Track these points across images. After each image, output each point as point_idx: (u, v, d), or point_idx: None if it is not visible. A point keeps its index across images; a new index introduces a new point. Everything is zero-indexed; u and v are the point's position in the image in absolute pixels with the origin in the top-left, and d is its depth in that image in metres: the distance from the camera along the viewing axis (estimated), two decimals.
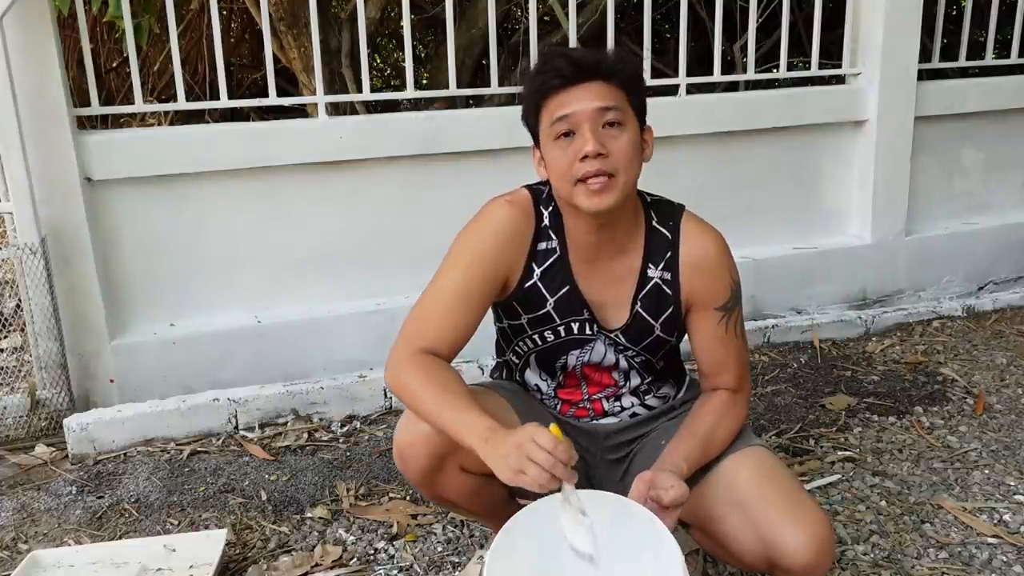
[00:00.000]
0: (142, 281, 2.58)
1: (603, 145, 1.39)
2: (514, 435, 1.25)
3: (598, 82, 1.41)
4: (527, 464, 1.22)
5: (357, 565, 1.86)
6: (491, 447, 1.27)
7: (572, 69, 1.41)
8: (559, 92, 1.41)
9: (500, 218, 1.52)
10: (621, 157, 1.41)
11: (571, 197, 1.44)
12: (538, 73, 1.45)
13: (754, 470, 1.48)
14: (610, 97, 1.41)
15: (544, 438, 1.22)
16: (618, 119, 1.41)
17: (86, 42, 2.44)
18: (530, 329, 1.58)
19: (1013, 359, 2.88)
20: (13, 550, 1.94)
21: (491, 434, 1.29)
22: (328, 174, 2.67)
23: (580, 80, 1.41)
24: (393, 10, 3.91)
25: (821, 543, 1.37)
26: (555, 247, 1.54)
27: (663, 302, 1.55)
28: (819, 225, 3.34)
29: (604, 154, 1.39)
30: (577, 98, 1.40)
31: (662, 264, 1.54)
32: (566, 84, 1.41)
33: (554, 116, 1.42)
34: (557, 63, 1.42)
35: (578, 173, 1.40)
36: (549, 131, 1.43)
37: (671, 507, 1.34)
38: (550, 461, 1.21)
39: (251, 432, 2.45)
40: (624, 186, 1.43)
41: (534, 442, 1.22)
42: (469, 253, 1.50)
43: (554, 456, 1.21)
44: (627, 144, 1.42)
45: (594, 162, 1.39)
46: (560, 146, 1.42)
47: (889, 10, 3.11)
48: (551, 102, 1.43)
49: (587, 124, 1.39)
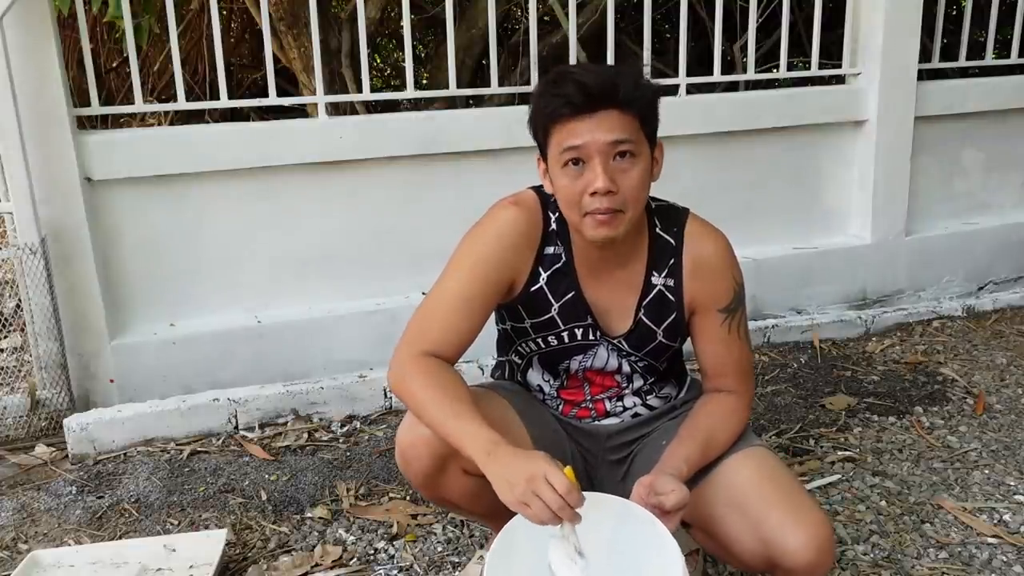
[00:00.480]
0: (142, 281, 2.58)
1: (613, 181, 1.36)
2: (523, 463, 1.23)
3: (612, 111, 1.35)
4: (534, 500, 1.20)
5: (357, 565, 1.86)
6: (493, 463, 1.26)
7: (583, 98, 1.34)
8: (569, 120, 1.36)
9: (506, 221, 1.51)
10: (631, 192, 1.38)
11: (577, 225, 1.43)
12: (547, 96, 1.38)
13: (755, 470, 1.48)
14: (623, 128, 1.36)
15: (559, 481, 1.20)
16: (630, 150, 1.37)
17: (86, 42, 2.44)
18: (533, 333, 1.58)
19: (1013, 359, 2.88)
20: (13, 550, 1.94)
21: (494, 448, 1.27)
22: (328, 174, 2.67)
23: (592, 109, 1.34)
24: (393, 10, 3.91)
25: (822, 543, 1.37)
26: (561, 252, 1.53)
27: (666, 309, 1.55)
28: (819, 225, 3.34)
29: (614, 191, 1.36)
30: (588, 129, 1.35)
31: (665, 271, 1.54)
32: (577, 113, 1.35)
33: (563, 145, 1.37)
34: (568, 89, 1.35)
35: (587, 207, 1.38)
36: (557, 156, 1.39)
37: (672, 512, 1.34)
38: (559, 504, 1.20)
39: (251, 432, 2.45)
40: (631, 219, 1.42)
41: (547, 481, 1.20)
42: (474, 256, 1.50)
43: (565, 501, 1.20)
44: (637, 177, 1.39)
45: (603, 199, 1.36)
46: (568, 174, 1.39)
47: (889, 10, 3.11)
48: (561, 129, 1.37)
49: (598, 158, 1.35)
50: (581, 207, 1.39)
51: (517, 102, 3.38)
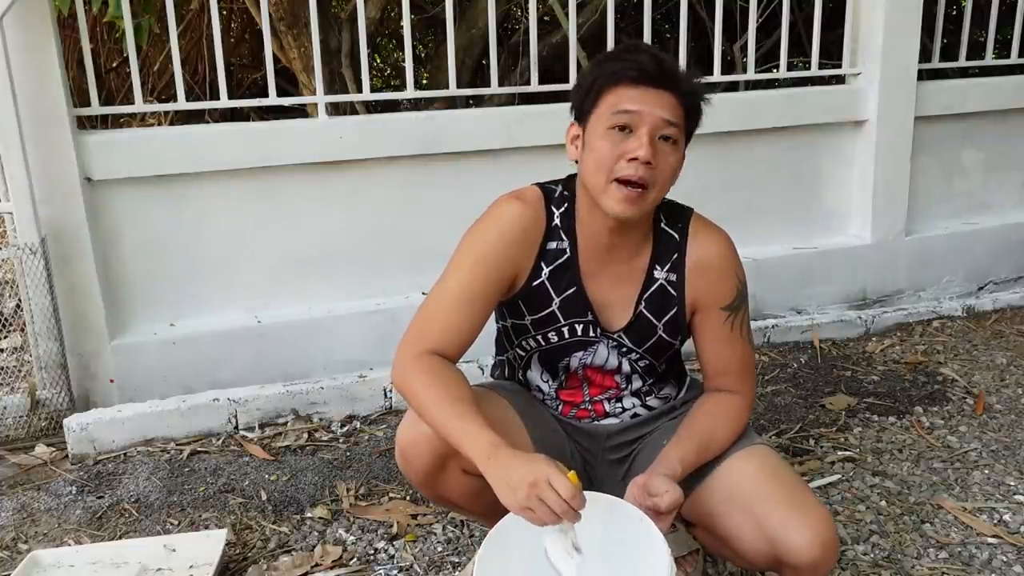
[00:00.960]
0: (142, 281, 2.58)
1: (654, 155, 1.39)
2: (526, 467, 1.23)
3: (671, 93, 1.41)
4: (538, 504, 1.21)
5: (357, 565, 1.86)
6: (494, 466, 1.26)
7: (656, 70, 1.39)
8: (634, 86, 1.40)
9: (509, 217, 1.51)
10: (663, 173, 1.42)
11: (600, 192, 1.43)
12: (618, 59, 1.42)
13: (757, 468, 1.49)
14: (676, 113, 1.41)
15: (563, 485, 1.20)
16: (674, 136, 1.42)
17: (86, 42, 2.44)
18: (534, 330, 1.58)
19: (1013, 359, 2.88)
20: (13, 550, 1.94)
21: (494, 450, 1.27)
22: (328, 174, 2.67)
23: (659, 84, 1.39)
24: (393, 10, 3.91)
25: (826, 540, 1.38)
26: (565, 247, 1.53)
27: (667, 303, 1.55)
28: (819, 225, 3.34)
29: (651, 164, 1.39)
30: (649, 100, 1.39)
31: (668, 265, 1.55)
32: (643, 82, 1.39)
33: (619, 107, 1.40)
34: (642, 58, 1.40)
35: (619, 172, 1.39)
36: (606, 118, 1.41)
37: (666, 513, 1.34)
38: (563, 508, 1.20)
39: (251, 432, 2.45)
40: (652, 202, 1.44)
41: (551, 486, 1.20)
42: (476, 253, 1.50)
43: (570, 505, 1.20)
44: (672, 163, 1.43)
45: (640, 167, 1.38)
46: (611, 138, 1.40)
47: (889, 10, 3.11)
48: (621, 91, 1.40)
49: (647, 128, 1.39)
50: (613, 171, 1.40)
51: (517, 102, 3.39)
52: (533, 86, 2.85)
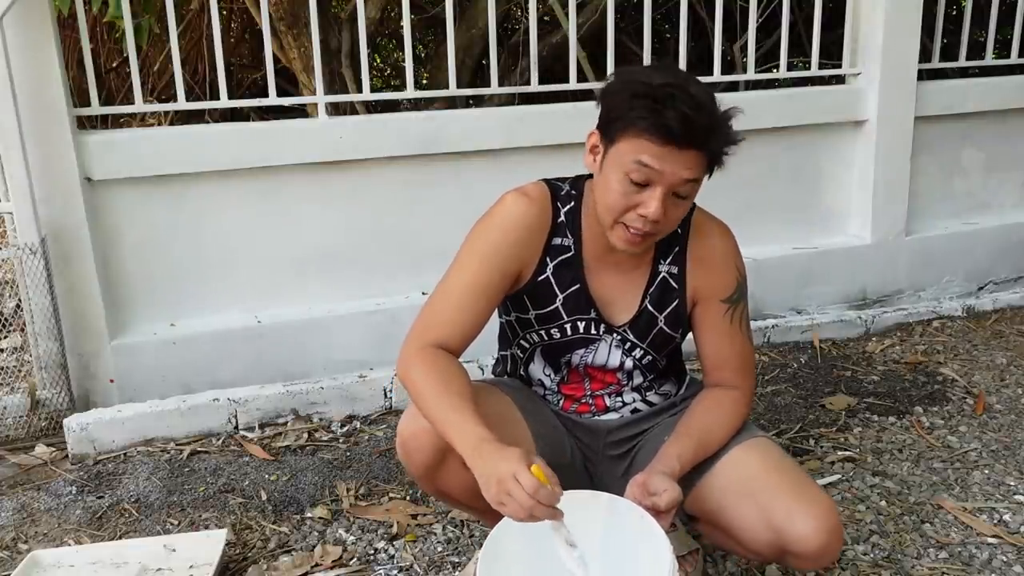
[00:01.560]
0: (142, 281, 2.58)
1: (664, 213, 1.38)
2: (499, 463, 1.23)
3: (699, 152, 1.35)
4: (507, 499, 1.21)
5: (357, 565, 1.86)
6: (478, 460, 1.27)
7: (684, 133, 1.31)
8: (659, 145, 1.33)
9: (515, 213, 1.52)
10: (670, 223, 1.43)
11: (607, 227, 1.44)
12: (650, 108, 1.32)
13: (760, 460, 1.50)
14: (698, 169, 1.37)
15: (526, 480, 1.20)
16: (692, 191, 1.40)
17: (86, 42, 2.44)
18: (537, 325, 1.59)
19: (1013, 359, 2.88)
20: (13, 550, 1.94)
21: (481, 445, 1.28)
22: (328, 174, 2.67)
23: (685, 147, 1.33)
24: (393, 10, 3.91)
25: (831, 529, 1.39)
26: (569, 244, 1.54)
27: (668, 295, 1.56)
28: (819, 225, 3.34)
29: (661, 222, 1.39)
30: (671, 161, 1.34)
31: (670, 258, 1.56)
32: (670, 143, 1.33)
33: (639, 158, 1.35)
34: (671, 117, 1.31)
35: (628, 221, 1.40)
36: (624, 165, 1.37)
37: (665, 511, 1.35)
38: (529, 503, 1.20)
39: (251, 432, 2.45)
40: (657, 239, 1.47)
41: (516, 480, 1.20)
42: (482, 248, 1.51)
43: (534, 499, 1.20)
44: (683, 210, 1.44)
45: (647, 224, 1.39)
46: (624, 186, 1.38)
47: (889, 10, 3.11)
48: (645, 144, 1.34)
49: (663, 188, 1.36)
50: (621, 217, 1.41)
51: (517, 102, 3.38)
52: (533, 86, 2.85)
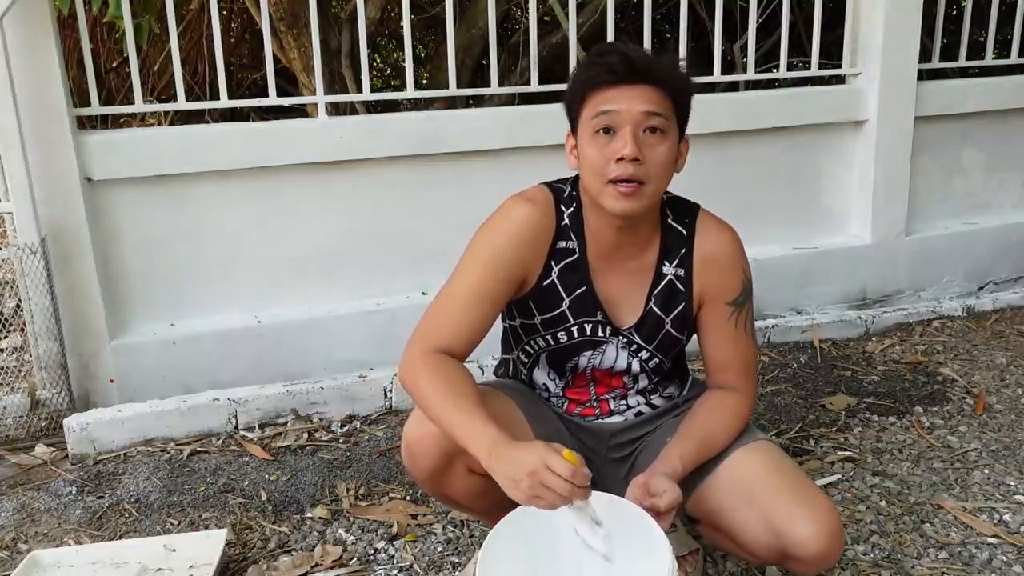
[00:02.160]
0: (142, 281, 2.58)
1: (640, 151, 1.39)
2: (523, 457, 1.23)
3: (649, 86, 1.40)
4: (543, 491, 1.21)
5: (357, 565, 1.86)
6: (496, 461, 1.26)
7: (625, 67, 1.39)
8: (608, 88, 1.41)
9: (519, 218, 1.51)
10: (655, 166, 1.41)
11: (599, 195, 1.44)
12: (590, 64, 1.44)
13: (761, 463, 1.50)
14: (657, 103, 1.41)
15: (560, 466, 1.20)
16: (660, 126, 1.41)
17: (86, 42, 2.44)
18: (543, 330, 1.58)
19: (1013, 359, 2.88)
20: (13, 550, 1.94)
21: (494, 447, 1.27)
22: (328, 174, 2.67)
23: (632, 81, 1.40)
24: (393, 10, 3.91)
25: (832, 533, 1.39)
26: (574, 247, 1.54)
27: (675, 298, 1.56)
28: (819, 225, 3.34)
29: (640, 160, 1.39)
30: (625, 98, 1.40)
31: (676, 261, 1.56)
32: (617, 82, 1.40)
33: (598, 109, 1.41)
34: (611, 59, 1.40)
35: (611, 173, 1.40)
36: (590, 123, 1.43)
37: (665, 512, 1.35)
38: (567, 489, 1.20)
39: (251, 432, 2.45)
40: (652, 195, 1.44)
41: (550, 470, 1.20)
42: (486, 253, 1.50)
43: (573, 484, 1.20)
44: (664, 153, 1.42)
45: (628, 166, 1.39)
46: (597, 143, 1.42)
47: (889, 10, 3.11)
48: (598, 95, 1.42)
49: (629, 126, 1.39)
50: (606, 174, 1.41)
51: (517, 102, 3.39)
52: (533, 86, 2.85)
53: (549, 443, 1.25)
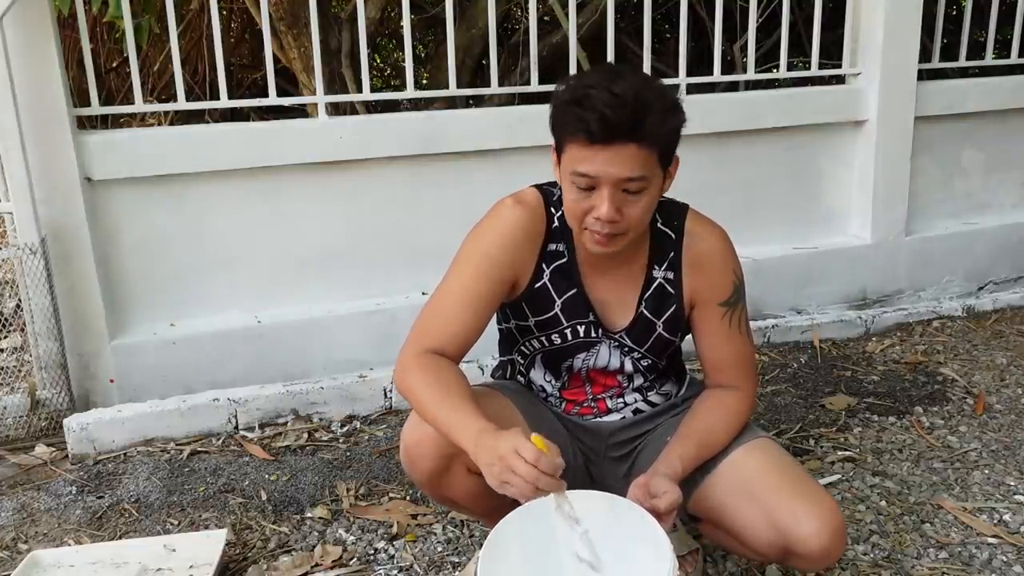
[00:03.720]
0: (142, 281, 2.58)
1: (619, 211, 1.36)
2: (498, 443, 1.24)
3: (630, 145, 1.31)
4: (510, 476, 1.21)
5: (357, 565, 1.86)
6: (480, 450, 1.27)
7: (603, 131, 1.29)
8: (587, 147, 1.32)
9: (510, 220, 1.51)
10: (634, 219, 1.39)
11: (578, 235, 1.45)
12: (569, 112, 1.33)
13: (763, 461, 1.50)
14: (637, 164, 1.32)
15: (527, 450, 1.20)
16: (640, 187, 1.35)
17: (86, 42, 2.44)
18: (537, 332, 1.59)
19: (1013, 359, 2.88)
20: (13, 550, 1.94)
21: (480, 436, 1.28)
22: (328, 174, 2.67)
23: (610, 142, 1.30)
24: (393, 10, 3.91)
25: (835, 530, 1.39)
26: (564, 250, 1.54)
27: (665, 301, 1.56)
28: (819, 225, 3.34)
29: (617, 220, 1.37)
30: (602, 161, 1.32)
31: (666, 264, 1.55)
32: (592, 143, 1.31)
33: (574, 168, 1.35)
34: (589, 116, 1.29)
35: (588, 225, 1.40)
36: (567, 172, 1.38)
37: (665, 513, 1.35)
38: (533, 474, 1.20)
39: (251, 432, 2.45)
40: (633, 237, 1.43)
41: (517, 454, 1.21)
42: (478, 255, 1.50)
43: (538, 469, 1.20)
44: (643, 207, 1.38)
45: (605, 225, 1.37)
46: (575, 192, 1.38)
47: (889, 10, 3.11)
48: (575, 150, 1.34)
49: (607, 188, 1.34)
50: (583, 223, 1.40)
51: (517, 102, 3.38)
52: (533, 86, 2.85)
53: (525, 431, 1.26)
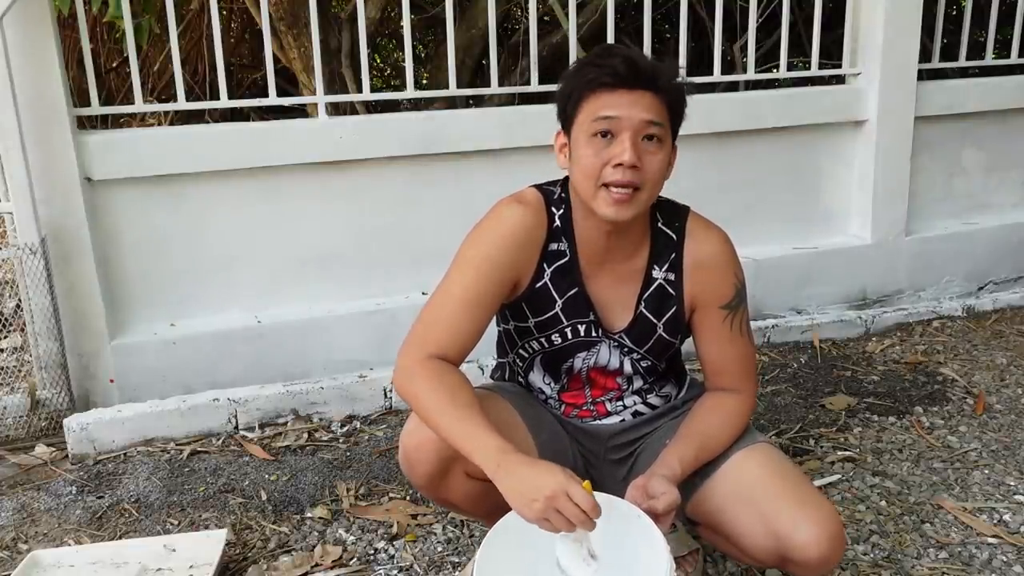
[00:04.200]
0: (142, 281, 2.58)
1: (639, 158, 1.38)
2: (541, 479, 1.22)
3: (650, 93, 1.39)
4: (555, 516, 1.21)
5: (357, 565, 1.86)
6: (504, 474, 1.25)
7: (630, 72, 1.38)
8: (610, 91, 1.38)
9: (511, 220, 1.51)
10: (651, 173, 1.41)
11: (591, 198, 1.43)
12: (593, 65, 1.41)
13: (761, 466, 1.49)
14: (657, 112, 1.39)
15: (583, 499, 1.20)
16: (659, 135, 1.40)
17: (86, 42, 2.44)
18: (537, 332, 1.58)
19: (1013, 359, 2.88)
20: (13, 550, 1.94)
21: (503, 457, 1.27)
22: (328, 174, 2.67)
23: (634, 86, 1.38)
24: (393, 10, 3.91)
25: (833, 536, 1.39)
26: (565, 249, 1.54)
27: (666, 303, 1.56)
28: (819, 225, 3.34)
29: (638, 167, 1.38)
30: (628, 103, 1.38)
31: (666, 265, 1.55)
32: (619, 85, 1.38)
33: (598, 114, 1.39)
34: (615, 61, 1.38)
35: (607, 178, 1.39)
36: (587, 126, 1.41)
37: (663, 515, 1.35)
38: (582, 519, 1.20)
39: (251, 432, 2.45)
40: (645, 202, 1.43)
41: (569, 498, 1.20)
42: (478, 256, 1.49)
43: (587, 516, 1.20)
44: (660, 161, 1.42)
45: (627, 172, 1.38)
46: (594, 145, 1.40)
47: (889, 10, 3.11)
48: (598, 98, 1.40)
49: (629, 133, 1.38)
50: (600, 178, 1.40)
51: (517, 102, 3.38)
52: (533, 86, 2.85)
53: (567, 470, 1.25)
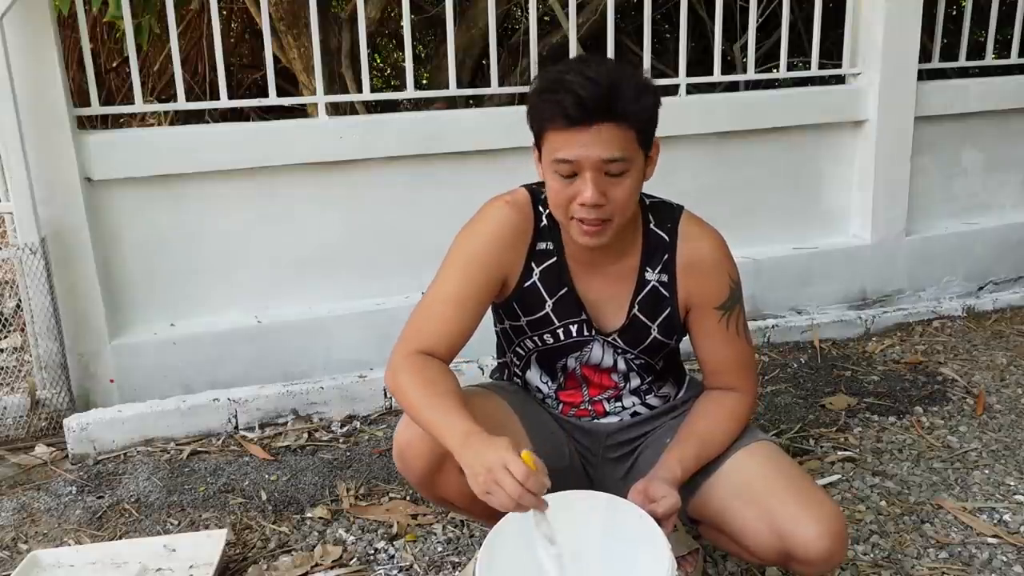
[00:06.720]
0: (142, 281, 2.58)
1: (603, 194, 1.35)
2: (486, 451, 1.23)
3: (608, 124, 1.31)
4: (495, 488, 1.21)
5: (357, 565, 1.86)
6: (466, 452, 1.26)
7: (579, 111, 1.29)
8: (565, 131, 1.32)
9: (499, 220, 1.52)
10: (620, 202, 1.38)
11: (565, 225, 1.44)
12: (546, 102, 1.33)
13: (763, 464, 1.49)
14: (617, 144, 1.32)
15: (516, 467, 1.20)
16: (621, 169, 1.35)
17: (86, 42, 2.44)
18: (530, 331, 1.58)
19: (1013, 359, 2.88)
20: (13, 550, 1.94)
21: (466, 439, 1.28)
22: (328, 174, 2.67)
23: (591, 122, 1.30)
24: (393, 10, 3.90)
25: (836, 533, 1.39)
26: (553, 249, 1.54)
27: (660, 305, 1.55)
28: (819, 225, 3.34)
29: (603, 204, 1.36)
30: (585, 143, 1.31)
31: (659, 267, 1.54)
32: (571, 125, 1.31)
33: (555, 155, 1.35)
34: (564, 99, 1.29)
35: (575, 212, 1.39)
36: (548, 161, 1.37)
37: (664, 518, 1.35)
38: (518, 491, 1.20)
39: (251, 432, 2.45)
40: (619, 227, 1.42)
41: (505, 468, 1.20)
42: (467, 255, 1.50)
43: (524, 487, 1.20)
44: (628, 189, 1.38)
45: (591, 210, 1.36)
46: (558, 180, 1.37)
47: (889, 10, 3.11)
48: (553, 137, 1.34)
49: (590, 172, 1.34)
50: (569, 211, 1.40)
51: (517, 102, 3.38)
52: None
53: (517, 443, 1.25)
